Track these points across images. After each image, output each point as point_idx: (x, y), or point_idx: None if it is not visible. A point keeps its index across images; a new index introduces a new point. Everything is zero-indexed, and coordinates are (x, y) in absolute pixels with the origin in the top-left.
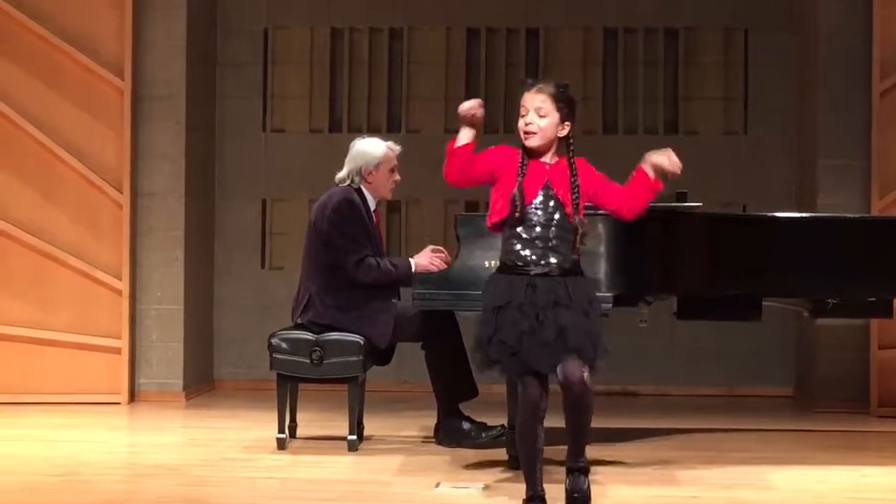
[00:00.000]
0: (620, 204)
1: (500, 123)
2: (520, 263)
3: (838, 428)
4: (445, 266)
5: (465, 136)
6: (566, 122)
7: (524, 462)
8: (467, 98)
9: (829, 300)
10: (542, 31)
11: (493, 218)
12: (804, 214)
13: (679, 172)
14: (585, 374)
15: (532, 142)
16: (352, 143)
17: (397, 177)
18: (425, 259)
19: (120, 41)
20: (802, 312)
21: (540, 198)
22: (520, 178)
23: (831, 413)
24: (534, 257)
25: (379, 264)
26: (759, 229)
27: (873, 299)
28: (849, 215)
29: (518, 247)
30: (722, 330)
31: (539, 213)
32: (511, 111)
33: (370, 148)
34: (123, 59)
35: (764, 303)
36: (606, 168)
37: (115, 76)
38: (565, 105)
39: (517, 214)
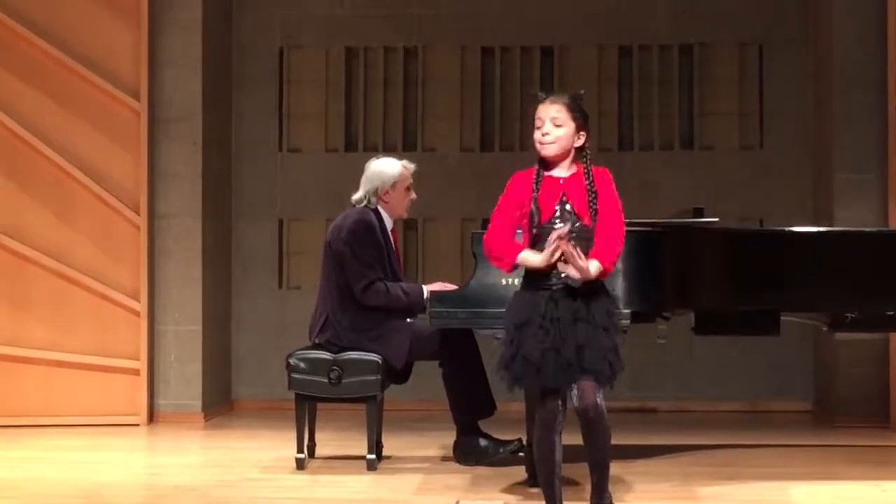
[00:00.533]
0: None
1: (517, 142)
2: (541, 279)
3: (858, 442)
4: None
5: (527, 261)
6: (581, 132)
7: (542, 478)
8: (483, 116)
9: (848, 314)
10: (556, 50)
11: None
12: (821, 229)
13: (581, 274)
14: (599, 399)
15: (549, 150)
16: (367, 164)
17: (413, 195)
18: (437, 285)
19: (136, 63)
20: (821, 327)
21: (557, 212)
22: (535, 195)
23: (851, 428)
24: (554, 271)
25: (388, 290)
26: (776, 244)
27: (892, 313)
28: (866, 229)
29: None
30: (740, 345)
31: (557, 227)
32: (527, 129)
33: (386, 168)
34: (140, 81)
35: (782, 317)
36: (623, 185)
37: (132, 98)
38: (580, 115)
39: (535, 231)
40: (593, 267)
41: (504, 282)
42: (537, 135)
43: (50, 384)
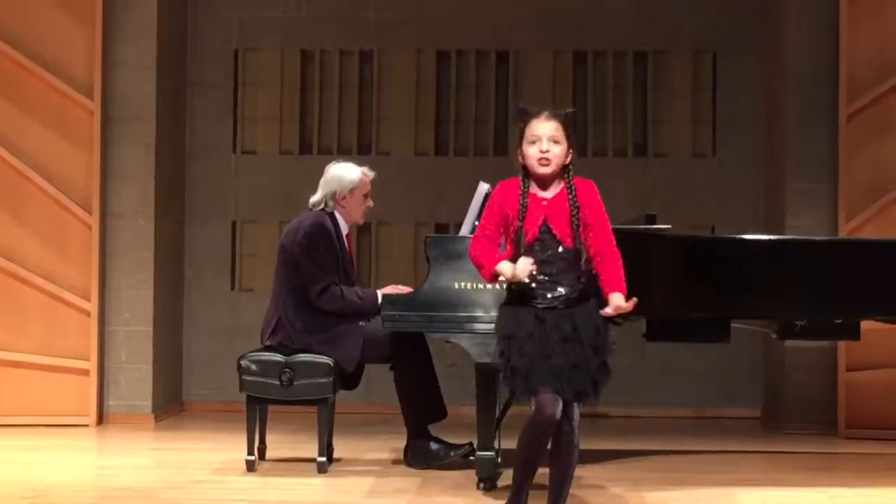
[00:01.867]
0: (596, 258)
1: (471, 146)
2: (529, 295)
3: (806, 449)
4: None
5: (504, 272)
6: (571, 150)
7: (519, 471)
8: (437, 120)
9: (797, 322)
10: (511, 54)
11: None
12: (772, 237)
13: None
14: (576, 418)
15: (547, 169)
16: (327, 168)
17: (370, 203)
18: (391, 288)
19: (90, 62)
20: (770, 334)
21: (539, 235)
22: (520, 223)
23: (799, 434)
24: (540, 290)
25: (343, 294)
26: (727, 252)
27: (840, 321)
28: (816, 238)
29: (526, 280)
30: (691, 351)
31: (540, 249)
32: (482, 133)
33: (345, 173)
34: (93, 80)
35: (732, 324)
36: None
37: (85, 97)
38: (572, 132)
39: (522, 251)
40: (619, 301)
41: (457, 286)
42: (533, 151)
43: None
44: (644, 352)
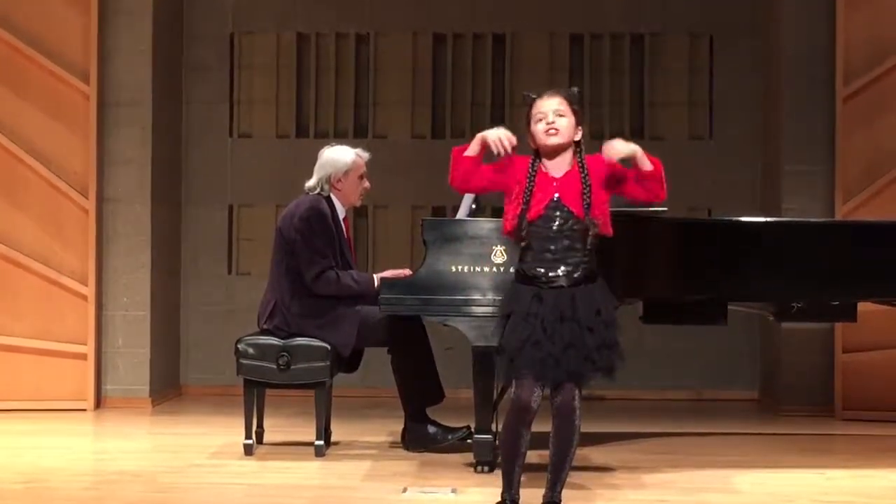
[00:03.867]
0: (643, 193)
1: (468, 129)
2: (529, 274)
3: (803, 431)
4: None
5: (474, 149)
6: (579, 126)
7: (504, 463)
8: (434, 103)
9: (794, 304)
10: (508, 37)
11: (506, 228)
12: (769, 219)
13: (630, 151)
14: (576, 400)
15: (556, 139)
16: (321, 152)
17: (367, 184)
18: (389, 272)
19: (86, 46)
20: (767, 316)
21: (548, 212)
22: (526, 195)
23: (796, 416)
24: (542, 269)
25: (339, 278)
26: (724, 234)
27: (837, 303)
28: (813, 220)
29: (529, 258)
30: (688, 334)
31: (548, 225)
32: (478, 116)
33: (339, 155)
34: (89, 65)
35: (729, 307)
36: None
37: (81, 81)
38: (579, 108)
39: (522, 231)
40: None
41: (454, 269)
42: (541, 126)
43: None
44: (641, 334)
